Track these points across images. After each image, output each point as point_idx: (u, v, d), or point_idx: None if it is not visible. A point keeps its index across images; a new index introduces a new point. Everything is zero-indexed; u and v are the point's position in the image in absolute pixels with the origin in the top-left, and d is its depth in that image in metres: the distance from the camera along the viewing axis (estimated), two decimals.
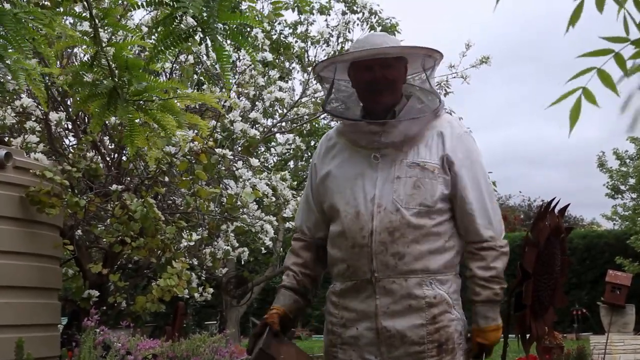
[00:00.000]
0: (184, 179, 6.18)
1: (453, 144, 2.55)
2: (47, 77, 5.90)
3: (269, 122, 9.44)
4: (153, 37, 2.01)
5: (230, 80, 7.88)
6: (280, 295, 2.68)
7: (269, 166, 9.95)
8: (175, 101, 2.26)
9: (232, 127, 6.75)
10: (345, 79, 2.66)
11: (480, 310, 2.54)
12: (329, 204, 2.62)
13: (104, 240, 6.68)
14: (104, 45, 2.08)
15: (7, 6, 2.13)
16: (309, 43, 11.19)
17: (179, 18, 1.83)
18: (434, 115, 2.58)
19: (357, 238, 2.47)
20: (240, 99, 7.57)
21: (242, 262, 8.21)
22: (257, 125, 7.58)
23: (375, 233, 2.44)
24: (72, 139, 7.59)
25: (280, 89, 7.94)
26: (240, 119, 6.84)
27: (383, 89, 2.54)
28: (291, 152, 9.85)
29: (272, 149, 8.36)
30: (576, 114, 1.45)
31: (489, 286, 2.52)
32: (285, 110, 9.10)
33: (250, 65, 7.82)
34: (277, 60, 10.84)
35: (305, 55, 11.35)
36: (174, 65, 7.39)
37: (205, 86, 7.79)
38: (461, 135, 2.59)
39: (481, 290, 2.52)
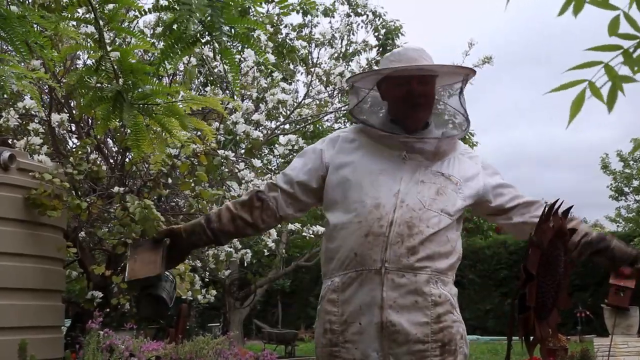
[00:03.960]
0: (185, 180, 6.18)
1: (475, 167, 2.70)
2: (48, 82, 5.91)
3: (272, 124, 9.45)
4: (160, 40, 2.02)
5: (238, 82, 7.89)
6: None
7: (272, 168, 9.94)
8: (180, 104, 2.26)
9: (234, 129, 6.76)
10: (374, 90, 2.69)
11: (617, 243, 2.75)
12: (337, 193, 2.61)
13: (107, 242, 6.69)
14: (108, 48, 2.08)
15: (14, 8, 2.14)
16: (313, 45, 11.21)
17: (186, 22, 1.83)
18: (464, 133, 2.70)
19: (374, 227, 2.46)
20: (245, 100, 7.58)
21: (245, 264, 8.22)
22: (260, 127, 7.59)
23: (395, 224, 2.45)
24: (75, 140, 7.61)
25: (283, 91, 7.94)
26: (242, 120, 6.85)
27: (422, 104, 2.59)
28: (294, 154, 9.86)
29: (274, 151, 8.36)
30: (578, 106, 1.45)
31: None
32: (288, 112, 9.11)
33: (252, 67, 7.84)
34: (282, 63, 10.86)
35: (309, 58, 11.37)
36: (177, 67, 7.40)
37: (208, 88, 7.81)
38: (476, 157, 2.75)
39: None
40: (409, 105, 2.58)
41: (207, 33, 1.86)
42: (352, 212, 2.53)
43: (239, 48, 7.02)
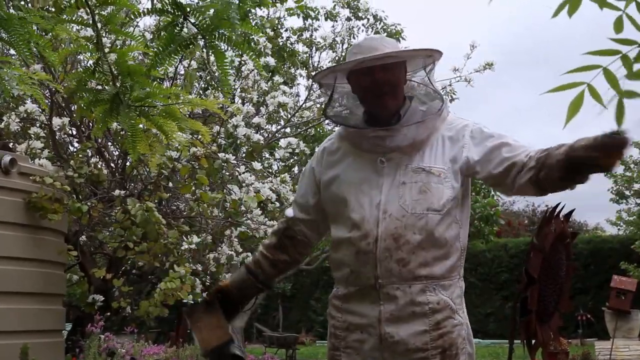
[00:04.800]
0: (186, 183, 6.18)
1: (461, 141, 2.53)
2: (51, 83, 5.92)
3: (273, 127, 9.44)
4: (156, 44, 2.01)
5: (234, 86, 7.89)
6: (236, 271, 2.79)
7: (273, 172, 9.94)
8: (178, 107, 2.26)
9: (235, 133, 6.76)
10: (345, 84, 2.63)
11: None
12: (332, 209, 2.61)
13: (108, 245, 6.69)
14: (106, 51, 2.08)
15: (12, 11, 2.13)
16: (314, 49, 11.21)
17: (180, 25, 1.82)
18: (438, 116, 2.55)
19: (362, 245, 2.45)
20: (245, 104, 7.58)
21: None
22: (260, 131, 7.59)
23: (380, 240, 2.42)
24: (76, 144, 7.61)
25: (284, 93, 7.94)
26: (243, 124, 6.84)
27: (387, 92, 2.51)
28: (295, 157, 9.87)
29: (275, 154, 8.36)
30: (576, 107, 1.45)
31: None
32: (289, 115, 9.11)
33: (253, 70, 7.83)
34: (283, 67, 10.86)
35: (310, 61, 11.37)
36: (177, 70, 7.40)
37: (208, 91, 7.81)
38: (464, 128, 2.56)
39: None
40: (375, 95, 2.52)
41: (201, 36, 1.86)
42: (344, 229, 2.53)
43: (239, 52, 7.03)
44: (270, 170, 9.64)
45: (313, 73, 9.70)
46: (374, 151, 2.53)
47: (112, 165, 7.23)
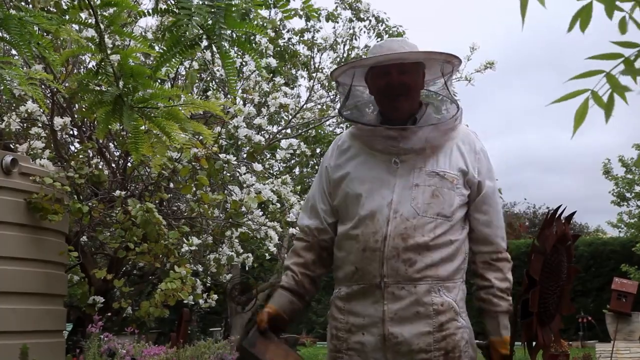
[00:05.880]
0: (186, 184, 6.18)
1: (474, 159, 2.57)
2: (52, 84, 5.92)
3: (275, 128, 9.45)
4: (160, 45, 2.01)
5: (236, 87, 7.89)
6: (276, 295, 2.66)
7: (274, 173, 9.94)
8: (180, 108, 2.26)
9: (236, 134, 6.76)
10: (362, 85, 2.65)
11: (502, 321, 2.56)
12: (342, 206, 2.60)
13: (109, 246, 6.69)
14: (109, 52, 2.08)
15: (13, 12, 2.13)
16: (316, 50, 11.21)
17: (185, 26, 1.82)
18: (453, 122, 2.57)
19: (370, 241, 2.45)
20: (247, 105, 7.58)
21: (247, 269, 8.20)
22: (262, 132, 7.59)
23: (389, 238, 2.43)
24: (78, 145, 7.62)
25: (285, 95, 7.94)
26: (244, 124, 6.84)
27: (400, 94, 2.53)
28: (296, 158, 9.86)
29: (276, 155, 8.37)
30: (582, 116, 1.44)
31: (506, 297, 2.57)
32: (290, 116, 9.12)
33: (254, 71, 7.83)
34: (284, 68, 10.87)
35: (312, 62, 11.38)
36: (178, 71, 7.41)
37: (210, 92, 7.81)
38: (480, 151, 2.60)
39: (500, 302, 2.56)
40: (390, 96, 2.54)
41: (206, 37, 1.85)
42: (351, 225, 2.53)
43: (240, 52, 7.03)
44: (271, 171, 9.65)
45: (328, 72, 9.69)
46: (387, 152, 2.54)
47: (113, 165, 7.23)
